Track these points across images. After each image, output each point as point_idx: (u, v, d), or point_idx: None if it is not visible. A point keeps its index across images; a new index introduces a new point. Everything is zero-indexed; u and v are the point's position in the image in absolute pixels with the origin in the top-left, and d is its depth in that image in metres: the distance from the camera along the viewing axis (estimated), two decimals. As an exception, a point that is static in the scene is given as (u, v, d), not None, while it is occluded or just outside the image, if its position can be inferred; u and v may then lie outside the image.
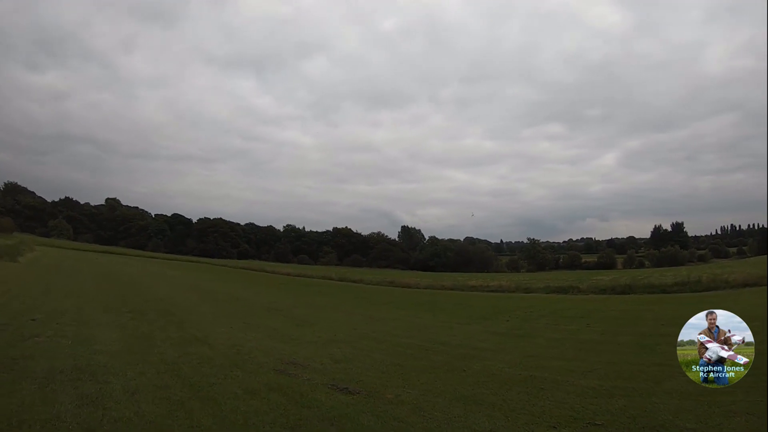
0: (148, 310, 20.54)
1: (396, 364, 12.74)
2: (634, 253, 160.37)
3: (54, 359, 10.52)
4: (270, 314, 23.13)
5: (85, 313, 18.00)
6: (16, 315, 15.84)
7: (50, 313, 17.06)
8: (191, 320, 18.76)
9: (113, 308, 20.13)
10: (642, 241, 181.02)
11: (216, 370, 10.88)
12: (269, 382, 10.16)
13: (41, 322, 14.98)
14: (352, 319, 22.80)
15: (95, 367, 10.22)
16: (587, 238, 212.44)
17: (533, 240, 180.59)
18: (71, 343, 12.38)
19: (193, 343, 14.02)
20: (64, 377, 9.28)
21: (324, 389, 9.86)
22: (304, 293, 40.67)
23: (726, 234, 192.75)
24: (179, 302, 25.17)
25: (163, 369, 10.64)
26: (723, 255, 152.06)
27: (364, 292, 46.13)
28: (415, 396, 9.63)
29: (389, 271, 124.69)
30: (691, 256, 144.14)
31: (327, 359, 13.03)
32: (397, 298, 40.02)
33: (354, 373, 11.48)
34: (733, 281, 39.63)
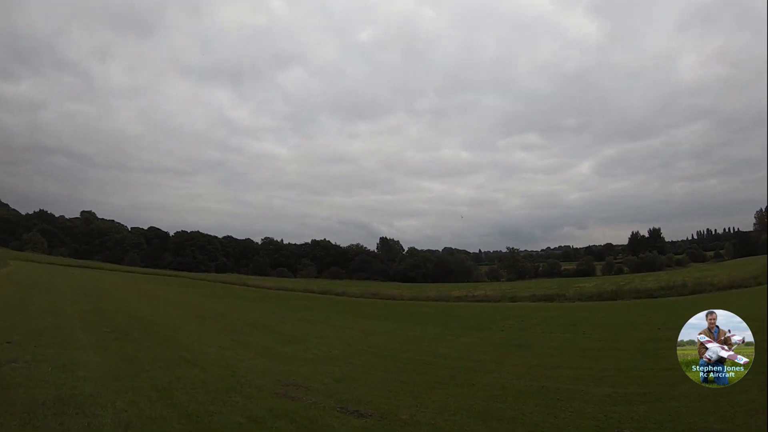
0: (131, 328, 19.74)
1: (401, 381, 12.27)
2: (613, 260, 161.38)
3: (34, 388, 9.73)
4: (258, 331, 22.57)
5: (64, 333, 17.16)
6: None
7: (27, 333, 16.18)
8: (178, 339, 18.13)
9: (94, 327, 19.33)
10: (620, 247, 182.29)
11: (212, 396, 10.22)
12: (273, 408, 9.55)
13: (18, 345, 14.12)
14: (344, 334, 22.29)
15: (80, 397, 9.42)
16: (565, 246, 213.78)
17: (512, 249, 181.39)
18: (52, 369, 11.52)
19: (183, 365, 13.34)
20: (47, 410, 8.49)
21: (333, 413, 9.32)
22: (288, 307, 40.07)
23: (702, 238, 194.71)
24: (163, 319, 24.44)
25: (155, 397, 9.90)
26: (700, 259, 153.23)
27: (350, 305, 45.76)
28: (431, 415, 9.17)
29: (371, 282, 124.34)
30: (669, 261, 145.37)
31: (328, 378, 12.50)
32: (384, 310, 39.66)
33: (360, 393, 10.94)
34: (718, 283, 39.84)
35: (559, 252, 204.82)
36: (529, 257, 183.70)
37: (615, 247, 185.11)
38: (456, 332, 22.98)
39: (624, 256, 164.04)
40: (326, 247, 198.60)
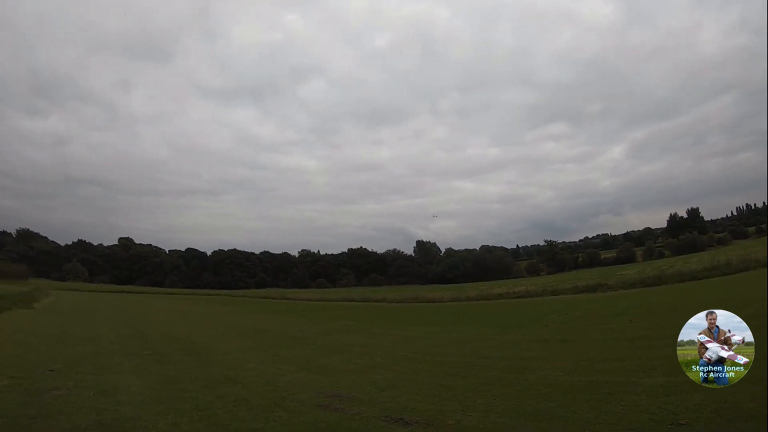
0: (171, 350, 19.86)
1: (445, 385, 11.95)
2: (653, 244, 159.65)
3: (76, 415, 9.63)
4: (298, 344, 22.41)
5: (105, 359, 17.19)
6: (31, 367, 14.93)
7: (68, 362, 16.17)
8: (218, 358, 18.04)
9: (135, 351, 19.37)
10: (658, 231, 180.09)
11: (255, 413, 10.00)
12: (316, 421, 9.31)
13: (59, 373, 14.09)
14: (385, 341, 22.08)
15: (122, 420, 9.35)
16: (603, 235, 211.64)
17: (550, 242, 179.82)
18: (93, 395, 11.46)
19: (224, 384, 13.20)
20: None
21: (377, 423, 9.04)
22: (328, 318, 40.01)
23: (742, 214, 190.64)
24: (202, 339, 24.47)
25: (197, 417, 9.74)
26: (742, 235, 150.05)
27: (390, 312, 45.62)
28: (477, 419, 8.85)
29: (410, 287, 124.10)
30: (710, 241, 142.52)
31: (371, 387, 12.23)
32: (424, 314, 39.48)
33: (404, 400, 10.64)
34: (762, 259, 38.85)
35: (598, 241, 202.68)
36: (567, 249, 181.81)
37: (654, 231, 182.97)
38: (499, 331, 22.66)
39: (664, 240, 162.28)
40: (363, 255, 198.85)
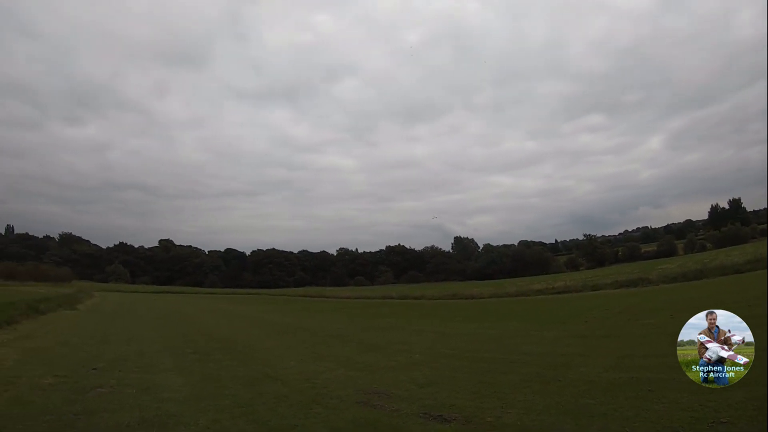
0: (212, 349, 20.03)
1: (484, 382, 11.92)
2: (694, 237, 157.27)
3: (119, 412, 9.84)
4: (338, 341, 22.54)
5: (148, 358, 17.48)
6: (76, 366, 15.22)
7: (112, 360, 16.50)
8: (258, 356, 18.19)
9: (176, 350, 19.66)
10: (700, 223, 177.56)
11: (294, 410, 10.09)
12: (355, 418, 9.35)
13: (103, 372, 14.38)
14: (425, 338, 22.11)
15: (164, 417, 9.51)
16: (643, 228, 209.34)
17: (589, 236, 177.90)
18: (136, 393, 11.70)
19: (264, 381, 13.33)
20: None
21: (416, 419, 9.06)
22: (367, 315, 40.14)
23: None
24: (243, 338, 24.73)
25: (238, 413, 9.87)
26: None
27: (429, 309, 45.56)
28: (517, 416, 8.83)
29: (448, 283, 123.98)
30: (754, 232, 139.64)
31: (410, 384, 12.24)
32: (463, 310, 39.43)
33: (443, 397, 10.65)
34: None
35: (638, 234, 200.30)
36: (607, 243, 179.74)
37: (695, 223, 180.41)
38: (539, 327, 22.54)
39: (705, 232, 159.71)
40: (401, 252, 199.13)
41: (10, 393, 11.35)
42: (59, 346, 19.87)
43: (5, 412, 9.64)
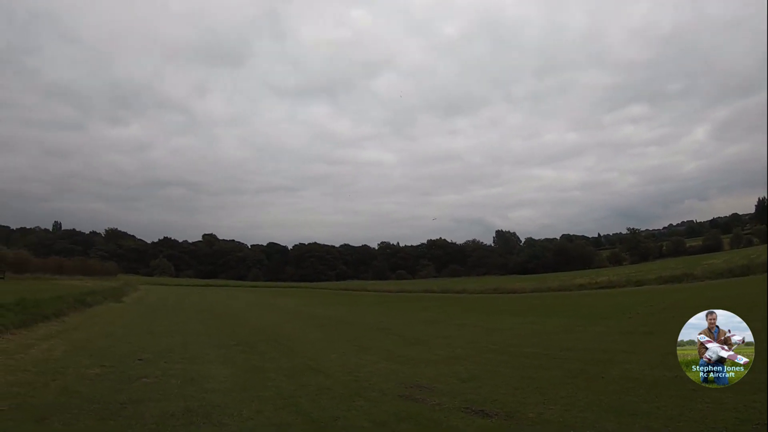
0: (256, 341, 20.29)
1: (527, 377, 11.93)
2: (741, 231, 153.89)
3: (164, 401, 10.03)
4: (380, 334, 22.68)
5: (192, 349, 17.78)
6: (122, 356, 15.58)
7: (157, 351, 16.85)
8: (302, 348, 18.34)
9: (221, 342, 19.96)
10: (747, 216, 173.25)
11: (336, 402, 10.20)
12: (397, 411, 9.40)
13: (148, 362, 14.69)
14: (467, 332, 22.14)
15: (208, 407, 9.65)
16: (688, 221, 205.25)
17: (633, 230, 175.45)
18: (180, 383, 11.92)
19: (307, 373, 13.47)
20: (176, 421, 8.70)
21: (458, 414, 9.08)
22: (409, 309, 40.26)
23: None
24: (287, 330, 24.97)
25: (281, 404, 9.98)
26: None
27: (471, 303, 45.53)
28: (559, 412, 8.82)
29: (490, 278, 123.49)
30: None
31: (452, 379, 12.28)
32: (506, 305, 39.32)
33: (485, 392, 10.65)
34: None
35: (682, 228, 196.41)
36: (651, 237, 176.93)
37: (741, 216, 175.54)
38: (582, 322, 22.41)
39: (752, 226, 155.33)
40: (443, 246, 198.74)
41: (59, 383, 11.62)
42: (105, 337, 20.30)
43: (54, 401, 9.87)
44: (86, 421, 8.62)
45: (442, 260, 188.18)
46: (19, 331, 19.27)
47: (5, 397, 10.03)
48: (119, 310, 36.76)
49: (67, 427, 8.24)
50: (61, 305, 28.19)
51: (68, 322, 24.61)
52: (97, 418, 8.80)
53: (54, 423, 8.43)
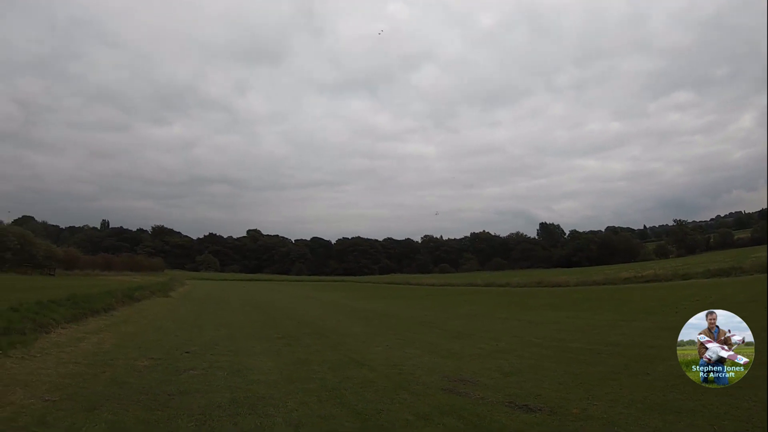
0: (300, 334, 20.54)
1: (571, 372, 11.90)
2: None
3: (210, 393, 10.31)
4: (424, 328, 22.74)
5: (238, 342, 18.11)
6: (170, 349, 16.00)
7: (204, 344, 17.24)
8: (345, 341, 18.52)
9: (266, 335, 20.28)
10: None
11: (380, 395, 10.32)
12: (440, 405, 9.46)
13: (195, 355, 15.06)
14: (510, 326, 22.07)
15: (254, 399, 9.89)
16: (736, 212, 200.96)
17: (680, 221, 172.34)
18: (227, 375, 12.24)
19: (352, 366, 13.63)
20: (222, 412, 8.95)
21: (502, 408, 9.11)
22: (452, 303, 40.15)
23: None
24: (330, 324, 25.22)
25: (325, 397, 10.15)
26: None
27: (514, 296, 45.30)
28: (603, 409, 8.81)
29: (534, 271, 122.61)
30: None
31: (496, 373, 12.30)
32: (550, 298, 39.05)
33: (529, 386, 10.67)
34: None
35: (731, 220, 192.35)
36: (698, 229, 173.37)
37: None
38: (627, 317, 22.17)
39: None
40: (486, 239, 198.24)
41: (108, 374, 11.99)
42: (153, 331, 20.80)
43: (104, 392, 10.19)
44: (135, 411, 8.89)
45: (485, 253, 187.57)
46: (70, 325, 19.80)
47: (58, 387, 10.39)
48: (166, 305, 37.42)
49: (116, 417, 8.49)
50: (110, 300, 28.82)
51: (117, 316, 25.23)
52: (146, 409, 9.05)
53: (104, 412, 8.71)
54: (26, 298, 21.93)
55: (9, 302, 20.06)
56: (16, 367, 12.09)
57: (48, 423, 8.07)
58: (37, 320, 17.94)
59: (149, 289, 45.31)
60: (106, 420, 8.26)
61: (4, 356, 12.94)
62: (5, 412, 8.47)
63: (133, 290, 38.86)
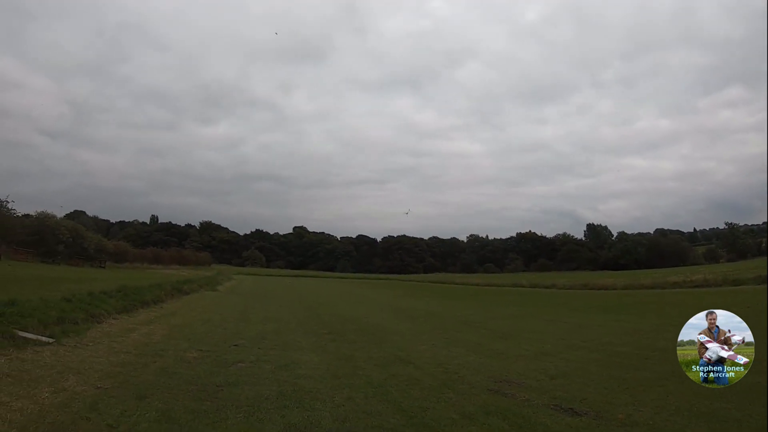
0: (346, 330, 20.75)
1: (617, 377, 11.79)
2: None
3: (258, 385, 10.48)
4: (468, 328, 22.74)
5: (285, 337, 18.32)
6: (218, 342, 16.28)
7: (252, 338, 17.51)
8: (391, 339, 18.62)
9: (311, 330, 20.53)
10: None
11: (426, 393, 10.36)
12: (485, 405, 9.46)
13: (244, 348, 15.30)
14: (556, 328, 21.98)
15: (300, 392, 10.02)
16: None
17: (731, 224, 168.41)
18: (274, 368, 12.40)
19: (397, 363, 13.70)
20: (270, 404, 9.08)
21: (547, 411, 9.08)
22: (497, 303, 40.13)
23: None
24: (376, 321, 25.38)
25: (371, 393, 10.23)
26: None
27: (560, 298, 44.96)
28: (649, 415, 8.75)
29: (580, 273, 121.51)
30: None
31: (541, 375, 12.24)
32: (596, 301, 38.72)
33: (574, 390, 10.61)
34: None
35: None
36: (749, 232, 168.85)
37: None
38: (675, 323, 21.51)
39: None
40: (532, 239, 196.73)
41: (158, 364, 12.27)
42: (202, 323, 21.14)
43: (154, 381, 10.45)
44: (184, 400, 9.08)
45: (530, 254, 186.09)
46: (121, 316, 20.29)
47: (110, 375, 10.66)
48: (214, 298, 38.05)
49: (166, 405, 8.69)
50: (159, 292, 29.45)
51: (166, 309, 25.76)
52: (195, 399, 9.25)
53: (154, 401, 8.92)
54: (78, 290, 22.44)
55: (62, 293, 20.55)
56: (69, 355, 12.40)
57: (100, 409, 8.27)
58: (89, 311, 18.39)
59: (197, 283, 46.20)
60: (156, 408, 8.46)
61: (57, 345, 13.31)
62: (59, 398, 8.70)
63: (182, 283, 39.64)
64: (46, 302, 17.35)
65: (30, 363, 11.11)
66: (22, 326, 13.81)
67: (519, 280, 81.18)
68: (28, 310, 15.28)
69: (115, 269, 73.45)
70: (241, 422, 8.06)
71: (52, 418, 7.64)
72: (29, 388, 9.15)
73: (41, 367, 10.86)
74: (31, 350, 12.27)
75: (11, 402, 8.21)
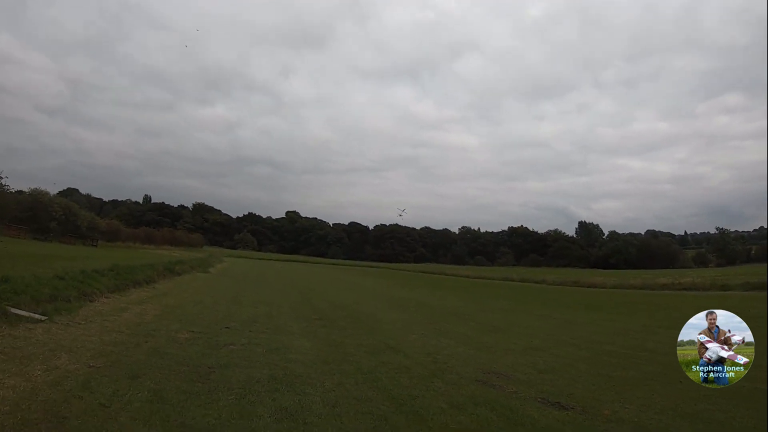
0: (336, 317, 20.82)
1: (605, 374, 11.92)
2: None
3: (249, 368, 10.56)
4: (458, 320, 22.87)
5: (276, 321, 18.37)
6: (210, 323, 16.33)
7: (243, 321, 17.54)
8: (381, 327, 18.73)
9: (302, 315, 20.59)
10: None
11: (415, 381, 10.50)
12: (474, 395, 9.59)
13: (235, 330, 15.34)
14: (545, 324, 22.18)
15: (291, 376, 10.11)
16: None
17: (722, 230, 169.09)
18: (265, 352, 12.47)
19: (387, 352, 13.80)
20: (261, 387, 9.16)
21: (534, 404, 9.21)
22: (487, 296, 40.37)
23: None
24: (366, 309, 25.48)
25: (361, 379, 10.35)
26: None
27: (550, 294, 45.33)
28: (634, 412, 8.87)
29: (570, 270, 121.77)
30: None
31: (530, 369, 12.36)
32: (586, 299, 39.01)
33: (562, 385, 10.75)
34: None
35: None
36: (740, 239, 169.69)
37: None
38: (663, 324, 21.95)
39: None
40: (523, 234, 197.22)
41: (150, 344, 12.32)
42: (194, 305, 21.19)
43: (146, 361, 10.52)
44: (176, 381, 9.16)
45: (521, 249, 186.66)
46: (113, 295, 20.32)
47: (102, 354, 10.71)
48: (206, 280, 38.14)
49: (158, 386, 8.76)
50: (151, 272, 29.47)
51: (158, 289, 25.80)
52: (186, 380, 9.32)
53: (146, 381, 8.99)
54: (71, 267, 22.45)
55: (55, 270, 20.55)
56: (61, 333, 12.43)
57: (92, 388, 8.32)
58: (81, 289, 18.40)
59: (189, 264, 46.25)
60: (148, 388, 8.53)
61: (50, 322, 13.33)
62: (51, 376, 8.76)
63: (174, 264, 39.75)
64: (39, 279, 17.36)
65: (22, 340, 11.15)
66: (15, 303, 13.82)
67: (509, 274, 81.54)
68: (20, 287, 15.29)
69: (107, 248, 73.35)
70: (233, 404, 8.13)
71: (44, 396, 7.69)
72: (22, 365, 9.20)
73: (34, 344, 10.91)
74: (23, 327, 12.31)
75: (4, 379, 8.26)
